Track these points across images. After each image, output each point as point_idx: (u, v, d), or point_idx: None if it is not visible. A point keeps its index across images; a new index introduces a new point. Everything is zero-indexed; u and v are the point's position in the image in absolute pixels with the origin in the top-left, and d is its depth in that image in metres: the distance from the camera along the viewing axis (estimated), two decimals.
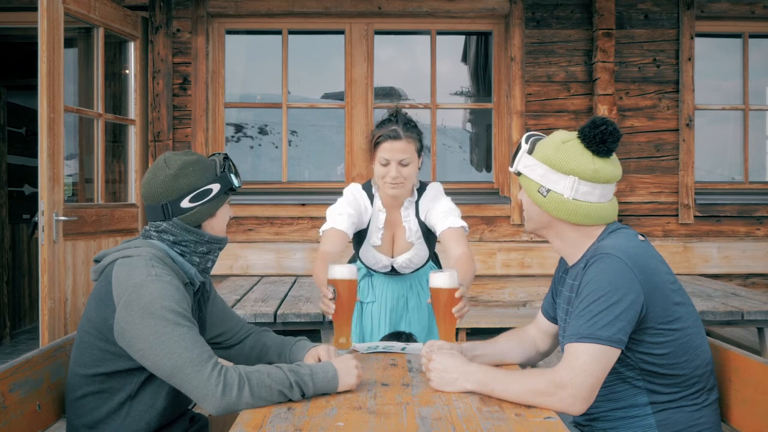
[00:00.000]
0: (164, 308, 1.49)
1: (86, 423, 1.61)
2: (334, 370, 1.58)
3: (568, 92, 4.72)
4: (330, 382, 1.57)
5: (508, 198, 4.68)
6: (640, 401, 1.58)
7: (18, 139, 5.82)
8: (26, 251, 5.84)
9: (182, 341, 1.48)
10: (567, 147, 1.61)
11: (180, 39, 4.61)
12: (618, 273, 1.50)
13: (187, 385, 1.47)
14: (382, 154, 2.24)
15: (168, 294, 1.51)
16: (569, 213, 1.61)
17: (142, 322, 1.48)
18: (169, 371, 1.48)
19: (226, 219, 1.74)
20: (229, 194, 1.73)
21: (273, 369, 1.53)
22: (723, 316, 3.08)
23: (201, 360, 1.47)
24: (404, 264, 2.42)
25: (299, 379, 1.53)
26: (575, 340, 1.49)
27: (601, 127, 1.58)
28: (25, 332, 5.71)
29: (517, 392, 1.49)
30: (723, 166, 5.35)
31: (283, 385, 1.51)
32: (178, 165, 1.65)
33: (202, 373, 1.46)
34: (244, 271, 4.58)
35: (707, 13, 4.76)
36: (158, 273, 1.54)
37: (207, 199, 1.66)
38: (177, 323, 1.49)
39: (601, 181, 1.60)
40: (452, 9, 4.69)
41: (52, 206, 3.44)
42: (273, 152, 5.55)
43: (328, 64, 5.16)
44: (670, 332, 1.54)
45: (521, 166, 1.67)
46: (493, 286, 4.68)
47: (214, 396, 1.44)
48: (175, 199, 1.64)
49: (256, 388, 1.48)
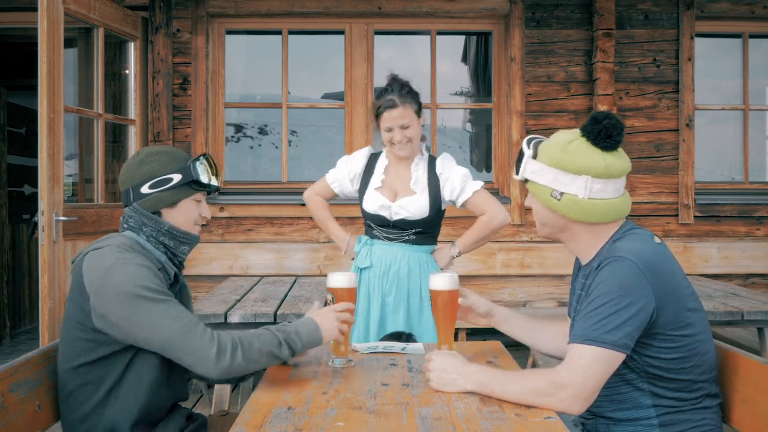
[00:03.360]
0: (139, 287, 1.52)
1: (78, 417, 1.62)
2: (315, 324, 1.68)
3: (568, 92, 4.72)
4: (313, 335, 1.66)
5: (508, 198, 4.68)
6: (644, 403, 1.57)
7: (18, 139, 5.83)
8: (26, 251, 5.84)
9: (167, 315, 1.52)
10: (573, 146, 1.58)
11: (180, 39, 4.61)
12: (630, 277, 1.48)
13: (181, 354, 1.52)
14: (384, 124, 2.50)
15: (140, 274, 1.54)
16: (586, 213, 1.58)
17: (121, 304, 1.52)
18: (160, 345, 1.53)
19: (192, 215, 1.74)
20: (197, 190, 1.73)
21: (261, 331, 1.61)
22: (723, 316, 3.08)
23: (191, 327, 1.52)
24: (400, 209, 2.50)
25: (287, 337, 1.61)
26: (580, 341, 1.48)
27: (603, 122, 1.56)
28: (25, 332, 5.71)
29: (516, 392, 1.49)
30: (723, 166, 5.35)
31: (273, 345, 1.58)
32: (146, 153, 1.73)
33: (194, 338, 1.51)
34: (244, 271, 4.58)
35: (707, 13, 4.76)
36: (127, 257, 1.57)
37: (166, 187, 1.69)
38: (156, 299, 1.53)
39: (613, 176, 1.58)
40: (452, 9, 4.69)
41: (52, 206, 3.44)
42: (273, 152, 5.55)
43: (328, 64, 5.16)
44: (680, 338, 1.52)
45: (528, 172, 1.63)
46: (493, 286, 4.68)
47: (210, 359, 1.50)
48: (136, 185, 1.69)
49: (248, 351, 1.54)
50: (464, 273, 4.57)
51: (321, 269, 4.63)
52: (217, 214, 4.60)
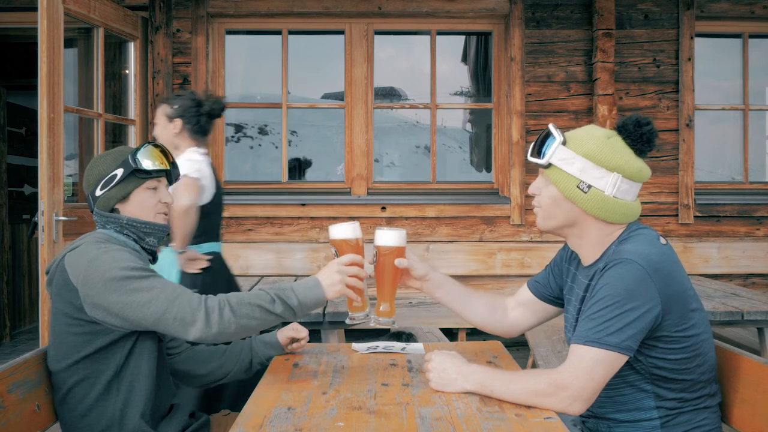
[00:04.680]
0: (124, 269, 1.56)
1: (78, 414, 1.62)
2: (315, 279, 1.64)
3: (568, 92, 4.72)
4: (312, 291, 1.62)
5: (507, 198, 4.68)
6: (646, 405, 1.57)
7: (18, 139, 5.82)
8: (26, 251, 5.84)
9: (153, 288, 1.56)
10: (612, 142, 1.57)
11: (180, 39, 4.61)
12: (636, 281, 1.47)
13: (171, 323, 1.54)
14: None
15: (121, 257, 1.59)
16: (608, 211, 1.56)
17: (110, 290, 1.55)
18: (153, 319, 1.55)
19: (149, 202, 1.74)
20: (144, 178, 1.73)
21: (254, 291, 1.62)
22: (723, 316, 3.07)
23: (177, 294, 1.56)
24: None
25: (280, 293, 1.60)
26: (582, 343, 1.47)
27: (646, 127, 1.56)
28: (25, 332, 5.71)
29: (516, 392, 1.49)
30: (723, 166, 5.35)
31: (264, 301, 1.58)
32: (94, 159, 1.77)
33: (182, 305, 1.54)
34: (244, 271, 4.58)
35: (707, 13, 4.76)
36: (107, 247, 1.62)
37: (113, 184, 1.72)
38: (141, 276, 1.57)
39: (641, 179, 1.58)
40: (452, 9, 4.69)
41: (52, 206, 3.44)
42: (273, 152, 5.55)
43: (328, 64, 5.16)
44: (685, 339, 1.52)
45: (556, 158, 1.57)
46: (493, 286, 4.68)
47: (199, 320, 1.53)
48: (92, 190, 1.74)
49: (237, 307, 1.56)
50: (464, 273, 4.58)
51: (321, 269, 4.63)
52: None
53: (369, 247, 1.75)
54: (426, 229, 4.65)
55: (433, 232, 4.65)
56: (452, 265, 4.60)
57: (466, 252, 4.64)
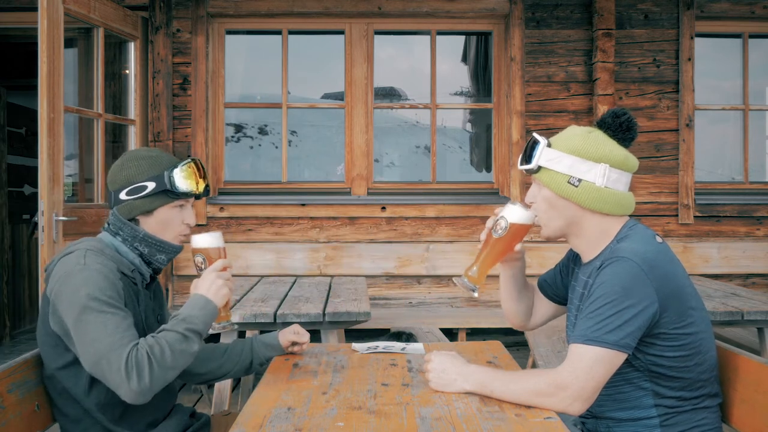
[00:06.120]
0: (88, 296, 1.47)
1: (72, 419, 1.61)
2: (200, 296, 1.59)
3: (568, 92, 4.72)
4: (206, 308, 1.57)
5: (507, 198, 4.67)
6: (645, 403, 1.57)
7: (18, 139, 5.82)
8: (26, 251, 5.84)
9: (105, 327, 1.45)
10: (594, 136, 1.62)
11: (180, 39, 4.61)
12: (632, 279, 1.48)
13: (107, 375, 1.44)
14: None
15: (92, 281, 1.50)
16: (602, 202, 1.59)
17: (70, 312, 1.48)
18: (92, 360, 1.45)
19: (173, 223, 1.69)
20: (174, 198, 1.67)
21: (164, 334, 1.50)
22: (723, 316, 3.07)
23: (121, 345, 1.44)
24: None
25: (187, 326, 1.52)
26: (581, 342, 1.48)
27: (623, 117, 1.62)
28: (25, 332, 5.71)
29: (516, 392, 1.49)
30: (723, 166, 5.35)
31: (180, 342, 1.49)
32: (127, 158, 1.69)
33: (119, 360, 1.42)
34: (244, 271, 4.58)
35: (707, 13, 4.76)
36: (87, 262, 1.53)
37: (140, 195, 1.65)
38: (101, 311, 1.47)
39: (628, 168, 1.62)
40: (452, 9, 4.69)
41: (52, 206, 3.44)
42: (273, 152, 5.55)
43: (328, 64, 5.16)
44: (683, 336, 1.53)
45: (543, 160, 1.62)
46: (493, 286, 4.66)
47: (129, 386, 1.41)
48: (117, 189, 1.67)
49: (161, 359, 1.45)
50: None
51: (321, 269, 4.63)
52: (217, 214, 4.60)
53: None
54: (426, 229, 4.65)
55: (433, 232, 4.65)
56: (452, 265, 4.60)
57: (466, 252, 4.63)
